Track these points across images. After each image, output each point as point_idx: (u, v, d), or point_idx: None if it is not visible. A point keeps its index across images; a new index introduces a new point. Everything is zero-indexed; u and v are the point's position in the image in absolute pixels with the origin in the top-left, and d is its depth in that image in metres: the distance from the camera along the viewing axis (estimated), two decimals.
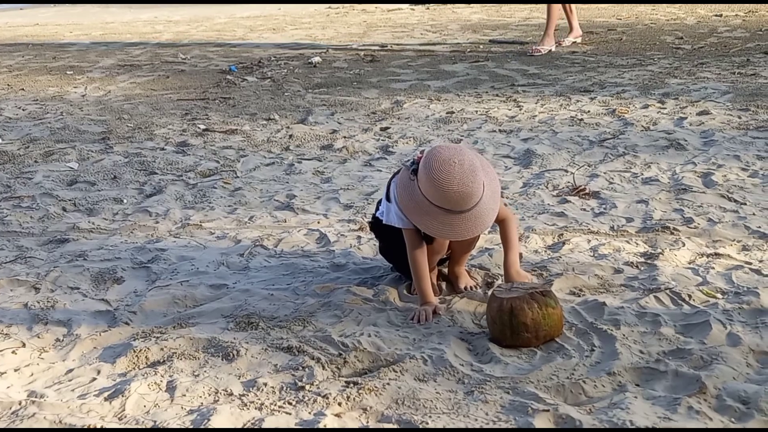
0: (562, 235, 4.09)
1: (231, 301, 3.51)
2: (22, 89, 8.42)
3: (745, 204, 4.38)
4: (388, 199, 3.38)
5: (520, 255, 3.67)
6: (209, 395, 2.79)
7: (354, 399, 2.70)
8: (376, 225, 3.53)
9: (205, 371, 2.95)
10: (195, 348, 3.11)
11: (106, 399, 2.79)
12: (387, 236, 3.48)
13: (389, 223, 3.38)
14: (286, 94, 7.81)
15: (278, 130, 6.46)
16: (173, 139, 6.25)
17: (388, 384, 2.77)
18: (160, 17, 14.72)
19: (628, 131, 5.90)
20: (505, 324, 3.02)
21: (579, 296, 3.39)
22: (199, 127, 6.57)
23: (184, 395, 2.79)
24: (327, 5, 15.26)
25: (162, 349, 3.11)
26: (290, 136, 6.26)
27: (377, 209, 3.54)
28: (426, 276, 3.36)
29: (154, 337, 3.22)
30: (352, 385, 2.79)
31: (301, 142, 6.11)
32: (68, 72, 9.35)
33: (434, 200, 3.15)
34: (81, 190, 5.15)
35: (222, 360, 3.02)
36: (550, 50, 9.27)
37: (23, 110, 7.41)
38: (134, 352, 3.09)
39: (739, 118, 6.10)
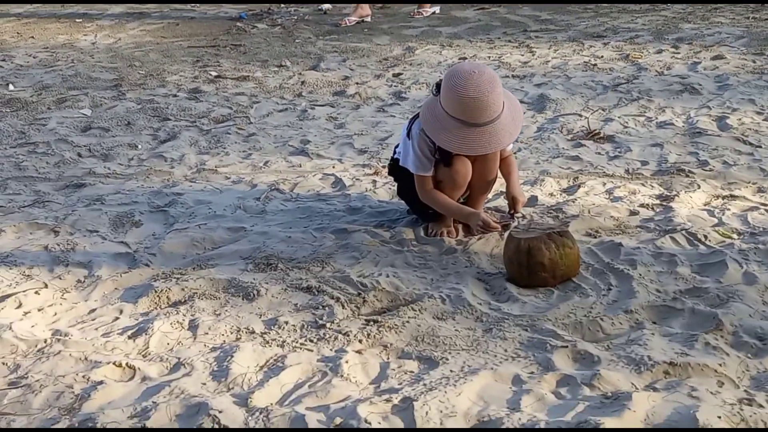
0: (577, 178, 4.10)
1: (249, 243, 3.54)
2: (32, 37, 8.39)
3: (761, 147, 4.37)
4: (409, 136, 3.39)
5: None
6: (231, 333, 2.83)
7: (374, 336, 2.74)
8: (395, 166, 3.55)
9: (226, 310, 2.99)
10: (215, 288, 3.14)
11: (129, 337, 2.83)
12: (405, 177, 3.50)
13: (405, 166, 3.41)
14: (297, 41, 7.78)
15: (290, 76, 6.45)
16: (185, 86, 6.25)
17: (407, 322, 2.81)
18: None
19: (642, 76, 5.87)
20: (522, 264, 3.04)
21: (595, 237, 3.41)
22: (210, 74, 6.56)
23: (207, 333, 2.83)
24: None
25: (183, 289, 3.14)
26: (302, 82, 6.25)
27: (395, 152, 3.56)
28: (452, 201, 3.42)
29: (175, 278, 3.25)
30: (372, 323, 2.82)
31: (313, 88, 6.09)
32: (77, 20, 9.31)
33: (451, 111, 3.20)
34: (95, 136, 5.16)
35: (243, 300, 3.06)
36: (362, 21, 8.63)
37: (34, 58, 7.40)
38: (155, 292, 3.12)
39: (754, 62, 6.07)
